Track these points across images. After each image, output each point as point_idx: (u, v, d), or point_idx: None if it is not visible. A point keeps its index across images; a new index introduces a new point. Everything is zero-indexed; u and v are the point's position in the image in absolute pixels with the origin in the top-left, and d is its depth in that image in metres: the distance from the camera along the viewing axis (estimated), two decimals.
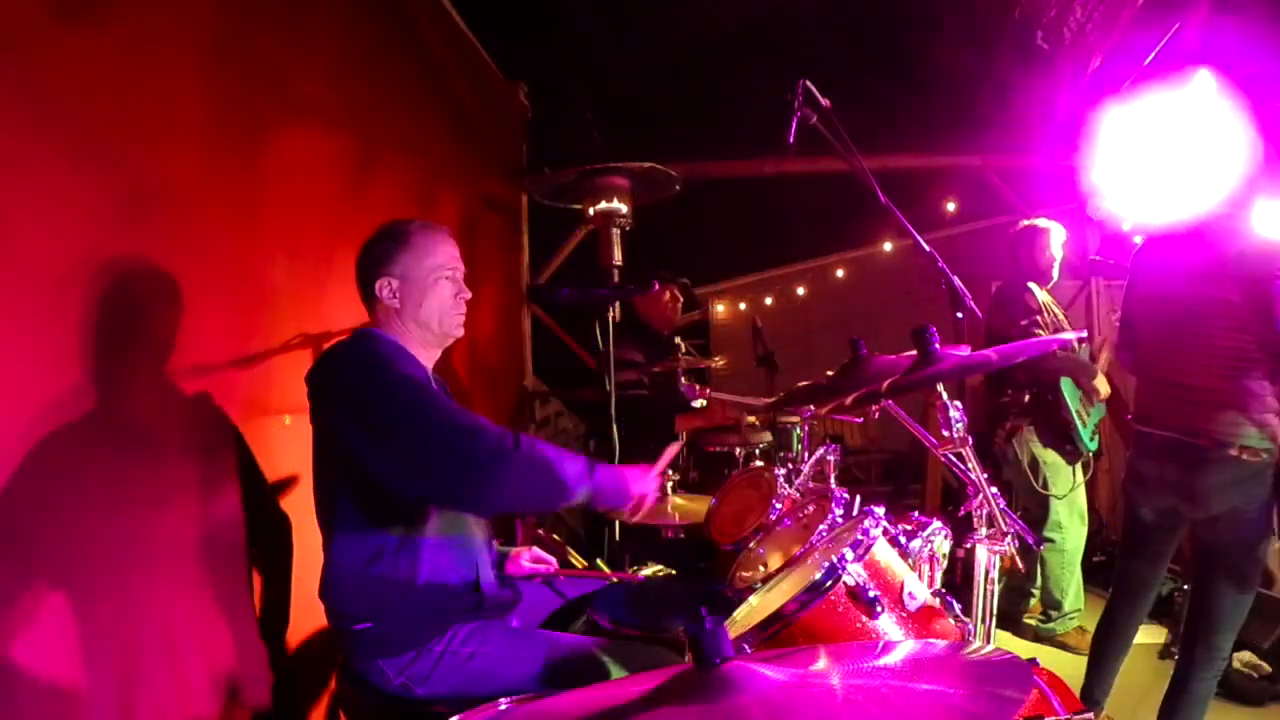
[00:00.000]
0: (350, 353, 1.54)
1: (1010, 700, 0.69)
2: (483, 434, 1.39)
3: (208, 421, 1.80)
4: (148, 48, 1.61)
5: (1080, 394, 3.28)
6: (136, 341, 1.58)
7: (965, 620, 1.35)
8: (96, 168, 1.48)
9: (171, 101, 1.69)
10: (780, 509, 1.90)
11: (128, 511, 1.55)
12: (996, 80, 4.23)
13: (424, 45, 3.24)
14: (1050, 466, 3.30)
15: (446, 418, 1.41)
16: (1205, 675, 2.11)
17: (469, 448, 1.38)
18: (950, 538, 1.56)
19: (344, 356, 1.54)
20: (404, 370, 1.48)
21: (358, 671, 1.53)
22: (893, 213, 1.75)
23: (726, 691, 0.75)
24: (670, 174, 3.04)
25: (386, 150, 2.78)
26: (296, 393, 1.60)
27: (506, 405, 4.35)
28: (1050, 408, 3.24)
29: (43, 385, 1.37)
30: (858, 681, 0.79)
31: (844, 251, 8.98)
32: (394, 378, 1.46)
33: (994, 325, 3.30)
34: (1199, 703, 2.12)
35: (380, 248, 1.62)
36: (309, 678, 2.11)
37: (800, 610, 1.20)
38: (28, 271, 1.33)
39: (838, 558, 1.24)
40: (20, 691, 1.29)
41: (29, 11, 1.34)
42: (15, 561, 1.30)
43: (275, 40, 2.09)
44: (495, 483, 1.37)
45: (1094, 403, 3.32)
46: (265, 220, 2.03)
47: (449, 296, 1.63)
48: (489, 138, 4.16)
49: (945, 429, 1.40)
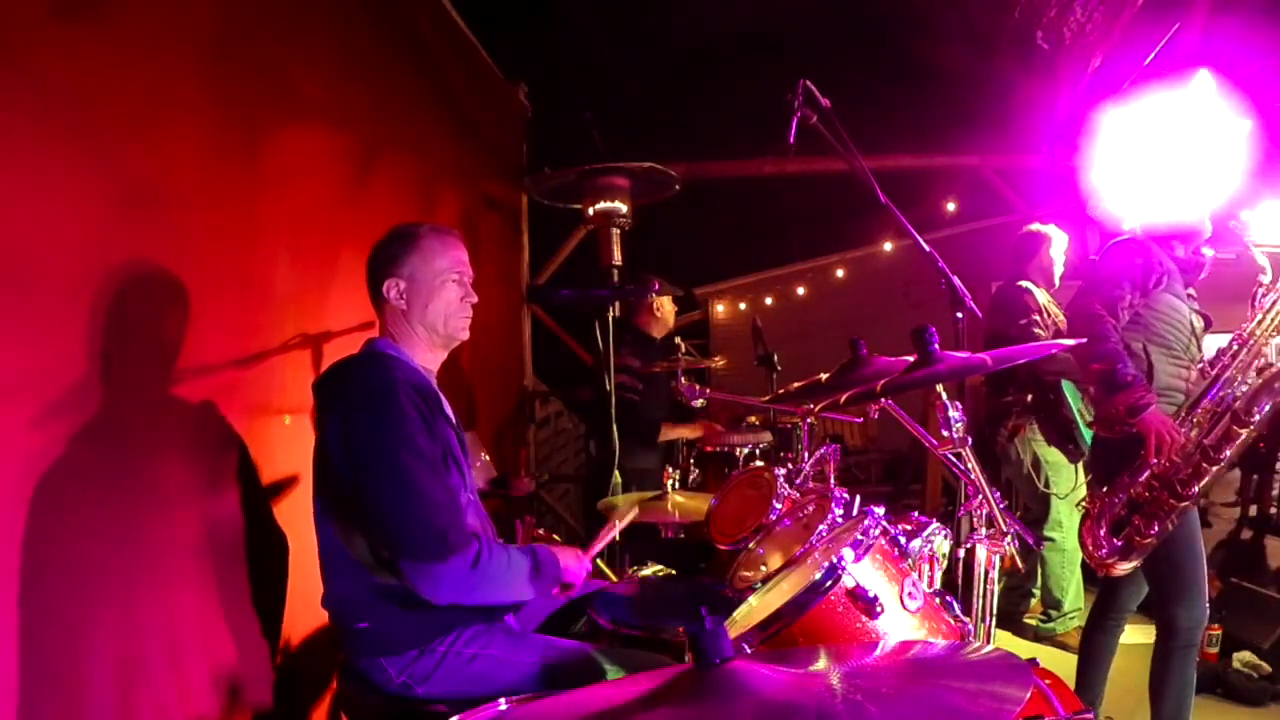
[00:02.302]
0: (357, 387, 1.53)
1: (1010, 700, 0.69)
2: (448, 550, 1.42)
3: (207, 421, 1.80)
4: (148, 48, 1.61)
5: (1081, 393, 3.28)
6: (136, 341, 1.58)
7: (965, 620, 1.35)
8: (97, 168, 1.48)
9: (171, 101, 1.69)
10: (780, 509, 1.90)
11: (128, 511, 1.55)
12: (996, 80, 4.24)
13: (424, 45, 3.24)
14: (1052, 466, 3.31)
15: (425, 514, 1.43)
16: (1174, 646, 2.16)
17: (433, 558, 1.42)
18: (950, 538, 1.56)
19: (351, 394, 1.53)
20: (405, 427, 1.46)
21: (359, 669, 1.53)
22: (893, 213, 1.75)
23: (726, 691, 0.75)
24: (670, 174, 3.04)
25: (387, 150, 2.78)
26: (296, 393, 1.60)
27: (506, 405, 4.35)
28: (1052, 407, 3.25)
29: (43, 385, 1.37)
30: (858, 681, 0.79)
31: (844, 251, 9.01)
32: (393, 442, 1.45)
33: (993, 326, 3.30)
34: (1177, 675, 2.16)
35: (389, 250, 1.62)
36: (310, 677, 2.11)
37: (800, 610, 1.21)
38: (27, 271, 1.33)
39: (838, 558, 1.24)
40: (21, 691, 1.29)
41: (29, 11, 1.34)
42: (16, 562, 1.30)
43: (275, 40, 2.09)
44: (440, 593, 1.44)
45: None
46: (265, 220, 2.03)
47: (455, 299, 1.63)
48: (489, 138, 4.17)
49: (945, 429, 1.41)
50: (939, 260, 1.68)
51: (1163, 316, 2.27)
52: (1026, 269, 3.38)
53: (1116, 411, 2.13)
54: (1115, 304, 2.23)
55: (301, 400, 1.56)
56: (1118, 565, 2.19)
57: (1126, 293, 2.23)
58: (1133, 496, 2.17)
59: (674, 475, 2.49)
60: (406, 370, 1.55)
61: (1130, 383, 2.12)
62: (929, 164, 4.82)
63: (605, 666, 1.50)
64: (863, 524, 1.35)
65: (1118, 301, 2.24)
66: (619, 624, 1.69)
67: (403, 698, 1.50)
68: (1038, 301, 3.22)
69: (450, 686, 1.50)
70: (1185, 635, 2.16)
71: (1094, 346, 2.18)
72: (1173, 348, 2.27)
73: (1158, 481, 2.14)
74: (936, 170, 4.98)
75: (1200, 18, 3.33)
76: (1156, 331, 2.27)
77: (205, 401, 1.78)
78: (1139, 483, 2.16)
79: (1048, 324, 3.17)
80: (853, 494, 1.72)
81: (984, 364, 1.37)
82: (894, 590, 1.28)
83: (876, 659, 0.87)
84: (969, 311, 1.68)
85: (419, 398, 1.50)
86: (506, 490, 3.17)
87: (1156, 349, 2.26)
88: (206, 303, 1.75)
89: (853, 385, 1.68)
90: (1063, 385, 3.22)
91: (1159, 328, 2.27)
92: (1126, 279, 2.24)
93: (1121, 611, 2.41)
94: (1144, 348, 2.26)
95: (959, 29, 4.09)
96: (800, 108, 1.72)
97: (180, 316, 1.70)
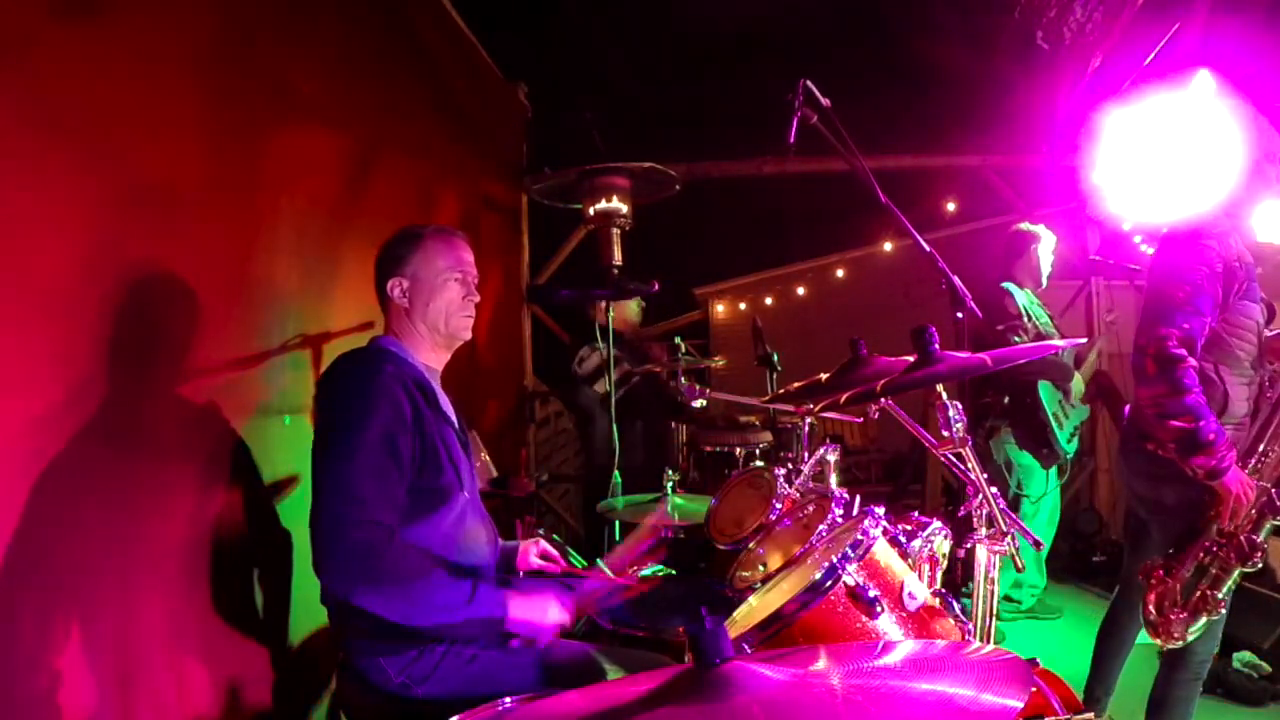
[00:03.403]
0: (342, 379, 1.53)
1: (1010, 700, 0.69)
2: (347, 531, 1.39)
3: (207, 422, 1.80)
4: (148, 48, 1.61)
5: (1059, 397, 3.28)
6: (136, 341, 1.58)
7: (965, 620, 1.35)
8: (97, 168, 1.48)
9: (171, 101, 1.69)
10: (780, 509, 1.90)
11: (128, 511, 1.55)
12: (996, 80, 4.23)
13: (424, 46, 3.24)
14: (1024, 469, 3.32)
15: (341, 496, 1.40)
16: (1182, 678, 2.07)
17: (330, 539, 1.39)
18: (950, 538, 1.56)
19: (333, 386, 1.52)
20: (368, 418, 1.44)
21: (358, 669, 1.53)
22: (893, 213, 1.75)
23: (726, 691, 0.75)
24: (670, 174, 3.04)
25: (387, 150, 2.78)
26: (296, 393, 1.61)
27: (506, 405, 4.35)
28: (1028, 410, 3.24)
29: (43, 385, 1.37)
30: (858, 681, 0.79)
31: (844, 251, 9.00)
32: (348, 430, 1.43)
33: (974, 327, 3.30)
34: (1180, 704, 2.11)
35: (395, 249, 1.64)
36: (309, 677, 2.11)
37: (800, 610, 1.20)
38: (27, 272, 1.33)
39: (838, 558, 1.23)
40: (22, 691, 1.29)
41: (29, 12, 1.34)
42: (16, 562, 1.30)
43: (275, 40, 2.09)
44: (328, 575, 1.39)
45: (1073, 406, 3.32)
46: (265, 220, 2.03)
47: (457, 298, 1.64)
48: (489, 138, 4.17)
49: (945, 429, 1.40)
50: (939, 260, 1.68)
51: (1236, 328, 1.95)
52: (1013, 268, 3.37)
53: (1193, 473, 1.86)
54: (1195, 337, 1.88)
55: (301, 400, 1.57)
56: (1187, 635, 1.95)
57: (1207, 316, 1.90)
58: (1201, 563, 1.92)
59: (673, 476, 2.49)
60: (401, 366, 1.56)
61: (1213, 442, 1.82)
62: (929, 164, 4.82)
63: (605, 666, 1.50)
64: (863, 524, 1.35)
65: (1198, 333, 1.89)
66: (619, 624, 1.69)
67: (402, 698, 1.50)
68: (1018, 305, 3.21)
69: (449, 686, 1.50)
70: (1196, 668, 2.07)
71: (1173, 400, 1.85)
72: (1242, 362, 1.98)
73: (1223, 538, 1.90)
74: (936, 170, 4.98)
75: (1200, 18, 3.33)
76: (1228, 348, 1.95)
77: (205, 401, 1.78)
78: (1203, 545, 1.93)
79: (1028, 328, 3.16)
80: (853, 494, 1.72)
81: (984, 364, 1.37)
82: (894, 590, 1.28)
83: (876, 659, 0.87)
84: (969, 311, 1.68)
85: (406, 395, 1.50)
86: (506, 490, 3.17)
87: (1228, 370, 1.96)
88: (207, 303, 1.75)
89: (853, 385, 1.68)
90: (1039, 388, 3.21)
91: (1231, 343, 1.95)
92: (1207, 298, 1.90)
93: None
94: (1216, 370, 1.95)
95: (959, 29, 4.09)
96: (800, 107, 1.72)
97: (180, 316, 1.70)
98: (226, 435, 1.85)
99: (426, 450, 1.52)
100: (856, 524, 1.42)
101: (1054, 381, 3.26)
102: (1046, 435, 3.22)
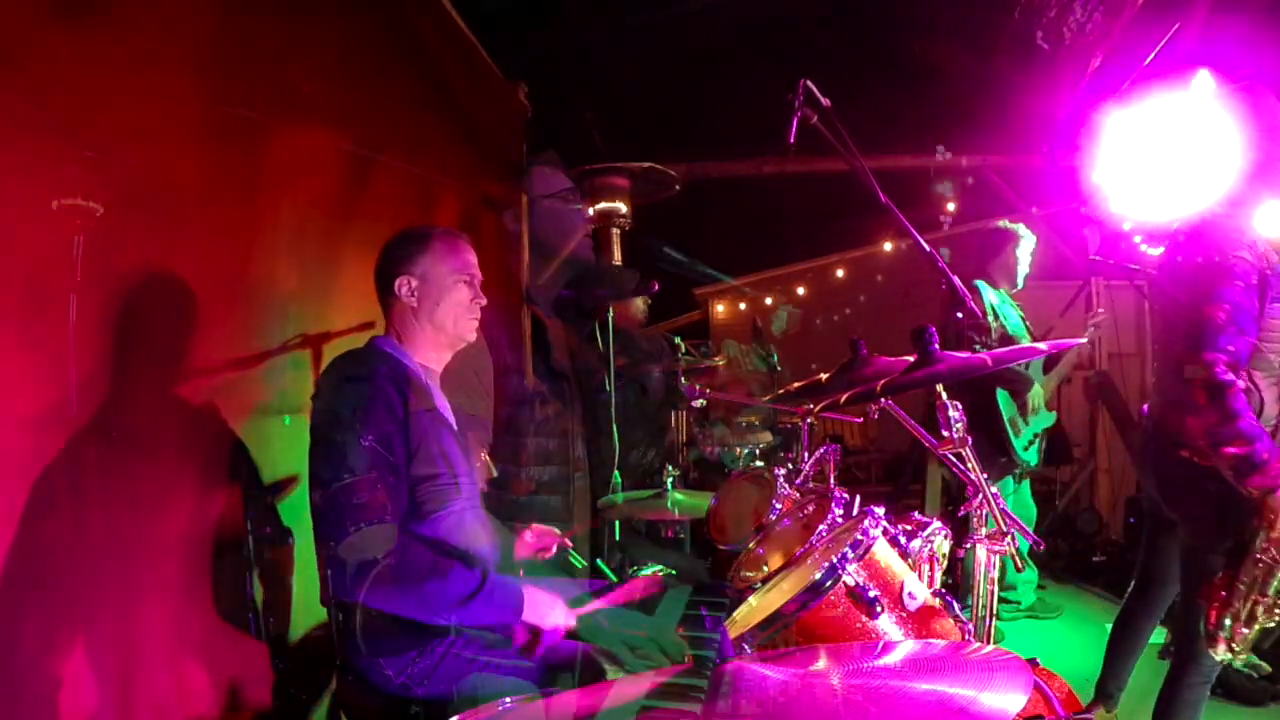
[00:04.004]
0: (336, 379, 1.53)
1: (1010, 700, 0.69)
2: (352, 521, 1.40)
3: (208, 422, 1.80)
4: (148, 48, 1.61)
5: (1016, 405, 3.27)
6: (137, 341, 1.58)
7: (965, 620, 1.35)
8: (96, 168, 1.48)
9: (171, 101, 1.69)
10: (780, 509, 1.90)
11: (128, 511, 1.55)
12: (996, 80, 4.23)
13: (424, 46, 3.24)
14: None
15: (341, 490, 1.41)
16: (1193, 681, 2.07)
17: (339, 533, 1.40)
18: (950, 538, 1.56)
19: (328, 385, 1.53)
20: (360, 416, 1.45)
21: (359, 669, 1.53)
22: (893, 213, 1.75)
23: (726, 691, 0.75)
24: (670, 174, 3.04)
25: (386, 150, 2.78)
26: (296, 393, 1.61)
27: (506, 405, 4.34)
28: (984, 417, 3.22)
29: (43, 385, 1.37)
30: (858, 681, 0.79)
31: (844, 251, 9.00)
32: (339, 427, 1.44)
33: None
34: (1189, 706, 2.11)
35: (402, 249, 1.64)
36: (309, 677, 2.11)
37: (800, 610, 1.21)
38: (27, 272, 1.33)
39: (838, 558, 1.24)
40: (22, 690, 1.29)
41: (29, 12, 1.34)
42: (16, 562, 1.30)
43: (275, 40, 2.09)
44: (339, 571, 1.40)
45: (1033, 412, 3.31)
46: (265, 220, 2.03)
47: (465, 300, 1.65)
48: (489, 138, 4.16)
49: (945, 429, 1.41)
50: (939, 260, 1.68)
51: (1267, 331, 1.89)
52: (988, 265, 3.36)
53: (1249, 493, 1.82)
54: (1241, 358, 1.83)
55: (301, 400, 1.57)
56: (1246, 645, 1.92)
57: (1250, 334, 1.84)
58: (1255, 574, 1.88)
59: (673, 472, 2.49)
60: (396, 367, 1.56)
61: (1267, 461, 1.78)
62: (929, 164, 4.82)
63: (605, 666, 1.50)
64: (863, 524, 1.35)
65: (1244, 354, 1.83)
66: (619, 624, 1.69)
67: (402, 698, 1.50)
68: (984, 302, 3.19)
69: (449, 687, 1.49)
70: (1206, 672, 2.05)
71: (1227, 427, 1.80)
72: (1273, 364, 1.92)
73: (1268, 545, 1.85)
74: (937, 170, 4.98)
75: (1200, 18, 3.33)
76: (1261, 353, 1.89)
77: (205, 402, 1.78)
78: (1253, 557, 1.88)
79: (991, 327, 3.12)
80: (853, 494, 1.72)
81: (984, 364, 1.37)
82: (894, 590, 1.28)
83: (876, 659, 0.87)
84: (969, 311, 1.68)
85: (400, 397, 1.51)
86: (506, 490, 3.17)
87: (1261, 375, 1.91)
88: (207, 303, 1.75)
89: (853, 385, 1.68)
90: (997, 395, 3.20)
91: (1263, 348, 1.89)
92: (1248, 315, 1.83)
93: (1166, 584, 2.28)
94: (1250, 377, 1.90)
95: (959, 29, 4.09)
96: (801, 107, 1.73)
97: (180, 316, 1.70)
98: (226, 435, 1.85)
99: (421, 451, 1.52)
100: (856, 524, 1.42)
101: (1012, 390, 3.24)
102: (1003, 441, 3.21)
